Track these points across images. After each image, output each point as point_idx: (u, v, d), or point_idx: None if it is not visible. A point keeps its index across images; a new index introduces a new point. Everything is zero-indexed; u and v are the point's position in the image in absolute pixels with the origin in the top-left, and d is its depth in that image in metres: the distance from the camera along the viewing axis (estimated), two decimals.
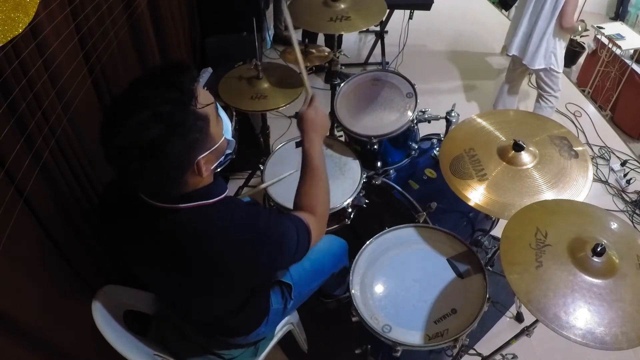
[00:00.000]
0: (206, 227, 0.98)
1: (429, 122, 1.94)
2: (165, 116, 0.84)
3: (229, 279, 1.02)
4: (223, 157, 1.03)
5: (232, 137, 2.19)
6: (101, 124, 0.88)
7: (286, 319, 1.57)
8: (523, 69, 2.89)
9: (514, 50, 2.81)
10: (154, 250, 1.03)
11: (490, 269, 1.98)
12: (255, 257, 1.01)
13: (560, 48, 2.67)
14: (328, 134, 1.29)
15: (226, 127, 1.03)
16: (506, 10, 4.60)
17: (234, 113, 2.11)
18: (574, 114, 3.36)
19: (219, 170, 1.07)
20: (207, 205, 0.99)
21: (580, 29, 2.59)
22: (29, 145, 1.11)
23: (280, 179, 1.70)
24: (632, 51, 3.39)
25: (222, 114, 1.04)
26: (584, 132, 3.19)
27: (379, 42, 3.59)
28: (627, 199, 2.74)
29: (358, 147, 1.92)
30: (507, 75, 3.06)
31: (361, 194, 1.79)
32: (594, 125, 3.27)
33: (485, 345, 1.93)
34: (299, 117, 1.26)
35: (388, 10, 3.03)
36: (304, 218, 1.12)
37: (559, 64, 2.71)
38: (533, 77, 3.27)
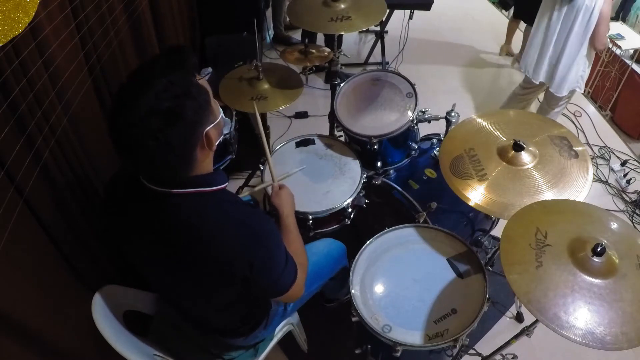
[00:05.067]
0: (202, 211, 1.00)
1: (429, 122, 1.94)
2: (178, 84, 0.89)
3: (220, 265, 1.02)
4: (222, 137, 1.06)
5: (232, 137, 2.20)
6: (116, 100, 0.91)
7: (286, 319, 1.57)
8: (539, 89, 2.77)
9: (541, 78, 2.62)
10: (153, 236, 1.05)
11: (490, 269, 1.98)
12: (245, 248, 1.02)
13: (588, 69, 2.53)
14: (295, 205, 1.47)
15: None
16: (506, 10, 4.60)
17: (234, 113, 2.11)
18: (574, 114, 3.36)
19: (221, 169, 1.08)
20: (205, 192, 1.02)
21: (608, 44, 2.47)
22: (29, 145, 1.11)
23: (290, 174, 1.69)
24: (632, 51, 3.38)
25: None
26: (584, 132, 3.19)
27: (379, 42, 3.58)
28: (627, 199, 2.74)
29: (358, 147, 1.92)
30: (519, 92, 2.90)
31: (361, 194, 1.79)
32: (594, 125, 3.27)
33: (485, 345, 1.93)
34: (270, 203, 1.44)
35: (388, 10, 3.04)
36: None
37: (583, 84, 2.57)
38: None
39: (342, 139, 2.02)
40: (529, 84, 2.77)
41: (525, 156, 1.46)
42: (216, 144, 1.02)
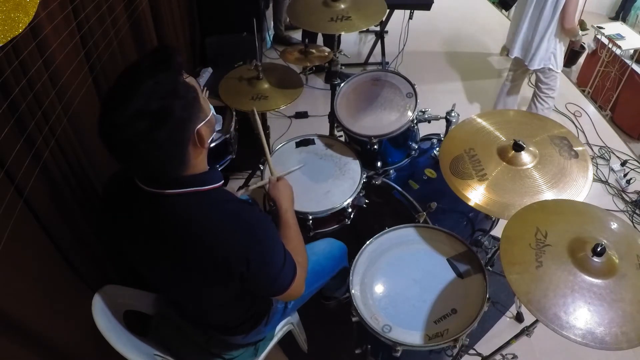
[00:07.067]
0: (198, 211, 1.00)
1: (429, 122, 1.94)
2: (165, 84, 0.89)
3: (218, 263, 1.03)
4: (214, 134, 1.06)
5: (232, 137, 2.20)
6: (103, 104, 0.91)
7: (286, 319, 1.57)
8: (524, 70, 2.89)
9: (516, 53, 2.81)
10: (151, 236, 1.05)
11: (490, 269, 1.98)
12: (241, 245, 1.02)
13: (560, 49, 2.67)
14: (293, 199, 1.47)
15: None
16: (506, 10, 4.60)
17: (234, 113, 2.12)
18: (574, 114, 3.36)
19: (219, 169, 1.08)
20: (201, 191, 1.02)
21: (580, 33, 2.59)
22: (29, 145, 1.11)
23: (289, 172, 1.69)
24: (632, 51, 3.38)
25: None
26: (584, 132, 3.19)
27: (379, 42, 3.59)
28: (627, 199, 2.74)
29: (358, 147, 1.92)
30: (507, 75, 3.06)
31: (361, 194, 1.79)
32: (594, 125, 3.27)
33: (485, 345, 1.93)
34: (269, 196, 1.45)
35: (388, 10, 3.04)
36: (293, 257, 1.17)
37: (557, 64, 2.71)
38: (533, 77, 3.26)
39: (342, 139, 2.02)
40: (515, 65, 2.94)
41: (525, 156, 1.47)
42: (209, 141, 1.02)
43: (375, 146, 1.81)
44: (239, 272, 1.03)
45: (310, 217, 1.68)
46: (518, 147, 1.46)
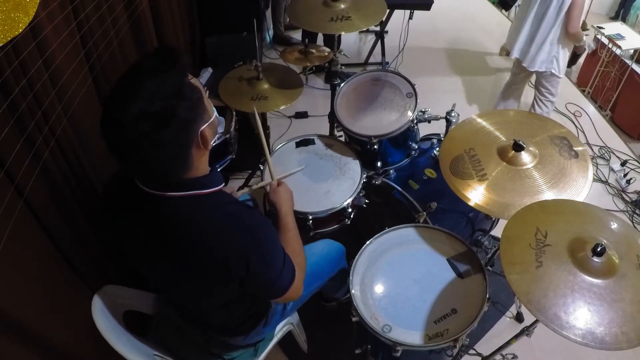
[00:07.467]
0: (198, 214, 1.00)
1: (429, 122, 1.94)
2: (170, 84, 0.89)
3: (218, 266, 1.03)
4: (217, 135, 1.06)
5: (232, 137, 2.19)
6: (106, 104, 0.90)
7: (286, 319, 1.57)
8: (526, 74, 2.86)
9: (515, 53, 2.77)
10: (151, 238, 1.05)
11: (490, 269, 1.98)
12: (242, 249, 1.02)
13: (564, 54, 2.63)
14: (294, 204, 1.47)
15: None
16: (506, 10, 4.60)
17: (234, 113, 2.12)
18: (574, 114, 3.36)
19: (219, 169, 1.08)
20: (202, 194, 1.02)
21: (584, 38, 2.56)
22: (29, 145, 1.11)
23: (290, 173, 1.69)
24: (632, 51, 3.39)
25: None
26: (584, 132, 3.19)
27: (379, 42, 3.59)
28: (627, 199, 2.74)
29: (358, 147, 1.92)
30: (510, 78, 3.03)
31: (361, 194, 1.79)
32: (594, 125, 3.27)
33: (485, 345, 1.93)
34: (269, 200, 1.45)
35: (388, 10, 3.04)
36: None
37: (560, 68, 2.67)
38: (533, 77, 3.26)
39: (342, 139, 2.02)
40: (517, 68, 2.90)
41: (525, 156, 1.47)
42: (212, 143, 1.02)
43: (375, 146, 1.81)
44: (238, 274, 1.03)
45: (310, 217, 1.68)
46: (518, 147, 1.46)
